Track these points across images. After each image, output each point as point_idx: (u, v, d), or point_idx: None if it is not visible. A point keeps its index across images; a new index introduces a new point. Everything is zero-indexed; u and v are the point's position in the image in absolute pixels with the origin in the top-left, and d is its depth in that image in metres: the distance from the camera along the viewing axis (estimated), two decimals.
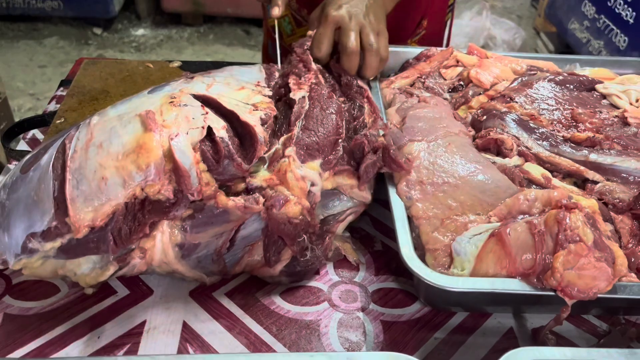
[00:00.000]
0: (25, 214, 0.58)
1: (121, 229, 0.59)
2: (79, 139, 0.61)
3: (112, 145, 0.59)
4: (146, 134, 0.60)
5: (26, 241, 0.58)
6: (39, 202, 0.58)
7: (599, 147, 0.76)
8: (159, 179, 0.58)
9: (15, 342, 0.62)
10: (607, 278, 0.59)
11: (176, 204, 0.59)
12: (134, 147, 0.59)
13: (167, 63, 0.99)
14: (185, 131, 0.61)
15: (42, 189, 0.59)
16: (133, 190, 0.58)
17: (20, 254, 0.59)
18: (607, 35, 2.71)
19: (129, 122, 0.61)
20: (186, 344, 0.63)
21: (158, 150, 0.59)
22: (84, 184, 0.58)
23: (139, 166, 0.58)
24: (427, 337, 0.66)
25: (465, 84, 0.93)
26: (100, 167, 0.58)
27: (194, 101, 0.66)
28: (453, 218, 0.68)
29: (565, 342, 0.66)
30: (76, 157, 0.59)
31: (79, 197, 0.58)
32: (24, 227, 0.58)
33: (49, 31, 3.44)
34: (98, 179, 0.58)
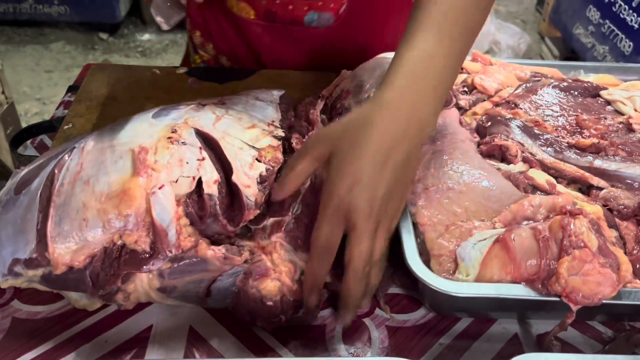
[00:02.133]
0: (12, 239, 0.59)
1: (99, 274, 0.58)
2: (68, 169, 0.60)
3: (99, 183, 0.59)
4: (133, 178, 0.58)
5: (12, 265, 0.59)
6: (24, 230, 0.59)
7: (604, 153, 0.76)
8: (137, 229, 0.57)
9: (23, 346, 0.63)
10: (612, 284, 0.59)
11: (152, 257, 0.58)
12: (119, 190, 0.58)
13: (174, 69, 1.00)
14: (175, 179, 0.59)
15: (27, 218, 0.59)
16: (111, 236, 0.57)
17: (6, 274, 0.60)
18: (612, 41, 2.71)
19: (120, 157, 0.60)
20: (192, 348, 0.63)
21: (141, 200, 0.57)
22: (66, 223, 0.58)
23: (120, 212, 0.57)
24: (432, 342, 0.66)
25: (469, 90, 0.93)
26: (83, 207, 0.58)
27: (194, 140, 0.63)
28: (458, 224, 0.68)
29: (570, 348, 0.66)
30: (62, 191, 0.59)
31: (60, 235, 0.57)
32: (10, 251, 0.59)
33: (55, 36, 3.46)
34: (80, 219, 0.57)
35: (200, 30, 1.09)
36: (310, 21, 0.92)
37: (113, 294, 0.60)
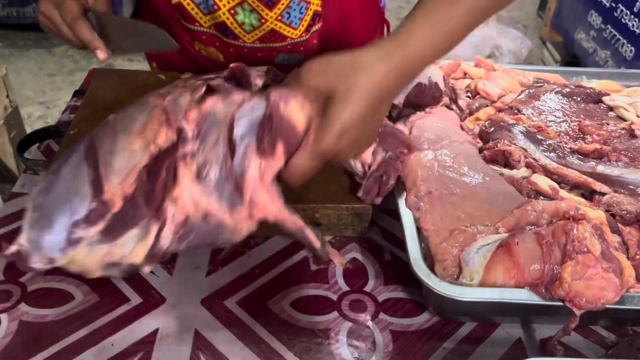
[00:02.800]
0: (66, 205, 0.61)
1: (147, 190, 0.62)
2: (104, 130, 0.65)
3: (135, 126, 0.65)
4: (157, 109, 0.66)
5: (70, 232, 0.60)
6: (76, 191, 0.62)
7: (607, 159, 0.77)
8: (162, 128, 0.64)
9: (31, 349, 0.63)
10: (615, 289, 0.59)
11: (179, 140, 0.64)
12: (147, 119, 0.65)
13: (179, 74, 1.00)
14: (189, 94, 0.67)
15: (77, 178, 0.63)
16: (149, 148, 0.63)
17: (65, 247, 0.61)
18: (614, 45, 2.71)
19: (143, 108, 0.67)
20: (198, 352, 0.64)
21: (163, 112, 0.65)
22: (115, 162, 0.63)
23: (152, 129, 0.64)
24: (435, 346, 0.67)
25: (472, 96, 0.94)
26: (128, 145, 0.63)
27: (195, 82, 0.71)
28: (461, 229, 0.68)
29: (573, 352, 0.67)
30: (105, 143, 0.64)
31: (112, 172, 0.62)
32: (66, 218, 0.61)
33: (58, 40, 3.44)
34: (126, 154, 0.63)
35: (156, 62, 1.12)
36: (282, 61, 0.94)
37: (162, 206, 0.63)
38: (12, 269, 0.72)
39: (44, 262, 0.61)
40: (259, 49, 0.93)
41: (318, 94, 0.59)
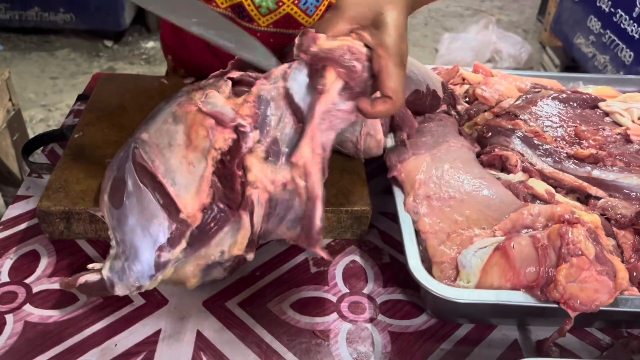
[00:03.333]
0: (146, 235, 0.63)
1: (225, 192, 0.64)
2: (147, 152, 0.66)
3: (177, 138, 0.66)
4: (189, 114, 0.67)
5: (157, 258, 0.62)
6: (152, 218, 0.63)
7: (602, 163, 0.78)
8: (217, 131, 0.65)
9: (35, 349, 0.64)
10: (609, 291, 0.60)
11: (239, 138, 0.65)
12: (189, 128, 0.66)
13: (182, 79, 1.02)
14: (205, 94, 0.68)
15: (145, 206, 0.64)
16: (211, 155, 0.64)
17: (154, 273, 0.63)
18: (613, 50, 2.73)
19: (174, 119, 0.68)
20: (200, 352, 0.65)
21: (200, 116, 0.66)
22: (178, 178, 0.64)
23: (203, 136, 0.65)
24: (433, 348, 0.68)
25: (470, 101, 0.95)
26: (183, 158, 0.65)
27: (209, 80, 0.72)
28: (459, 232, 0.70)
29: (568, 354, 0.68)
30: (157, 164, 0.65)
31: (180, 189, 0.63)
32: (150, 246, 0.62)
33: (60, 43, 3.50)
34: (186, 167, 0.64)
35: (171, 55, 1.13)
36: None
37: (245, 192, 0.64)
38: (17, 270, 0.73)
39: (132, 290, 0.63)
40: (272, 35, 0.94)
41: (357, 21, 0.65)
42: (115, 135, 0.86)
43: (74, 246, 0.77)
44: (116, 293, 0.63)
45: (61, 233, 0.76)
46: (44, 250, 0.76)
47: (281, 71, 0.67)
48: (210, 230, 0.63)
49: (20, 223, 0.80)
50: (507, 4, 4.40)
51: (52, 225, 0.75)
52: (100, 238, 0.77)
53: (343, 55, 0.63)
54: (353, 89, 0.63)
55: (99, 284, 0.63)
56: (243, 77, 0.70)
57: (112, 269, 0.63)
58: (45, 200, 0.74)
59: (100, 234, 0.77)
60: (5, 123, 1.76)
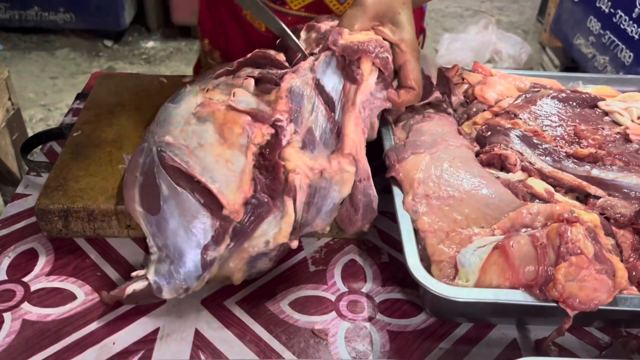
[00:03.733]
0: (190, 236, 0.63)
1: (266, 183, 0.65)
2: (176, 154, 0.67)
3: (207, 138, 0.68)
4: (218, 114, 0.69)
5: (202, 258, 0.63)
6: (193, 219, 0.64)
7: (601, 163, 0.78)
8: (254, 128, 0.68)
9: (34, 348, 0.64)
10: (608, 290, 0.60)
11: (278, 132, 0.68)
12: (221, 127, 0.68)
13: (181, 78, 1.02)
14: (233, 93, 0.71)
15: (187, 208, 0.64)
16: (250, 150, 0.66)
17: (202, 273, 0.63)
18: (613, 51, 2.73)
19: (199, 119, 0.70)
20: (198, 351, 0.65)
21: (233, 114, 0.68)
22: (217, 175, 0.65)
23: (238, 133, 0.67)
24: (432, 347, 0.68)
25: (469, 100, 0.95)
26: (218, 156, 0.66)
27: (220, 79, 0.75)
28: (458, 231, 0.70)
29: (567, 353, 0.68)
30: (192, 164, 0.66)
31: (221, 186, 0.64)
32: (195, 247, 0.63)
33: (60, 43, 3.50)
34: (224, 164, 0.66)
35: (209, 38, 1.14)
36: None
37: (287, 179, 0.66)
38: (15, 268, 0.73)
39: (180, 292, 0.63)
40: (302, 19, 0.94)
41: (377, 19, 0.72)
42: (113, 133, 0.86)
43: (72, 244, 0.77)
44: (164, 297, 0.63)
45: (59, 231, 0.76)
46: (42, 249, 0.76)
47: (309, 64, 0.71)
48: (252, 222, 0.64)
49: (19, 221, 0.79)
50: (507, 5, 4.40)
51: (51, 223, 0.75)
52: (98, 236, 0.77)
53: (376, 47, 0.68)
54: (386, 79, 0.69)
55: (146, 291, 0.63)
56: (264, 75, 0.73)
57: (158, 273, 0.63)
58: (44, 198, 0.74)
59: (98, 233, 0.77)
60: (5, 122, 1.76)
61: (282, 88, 0.70)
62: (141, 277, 0.64)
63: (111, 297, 0.65)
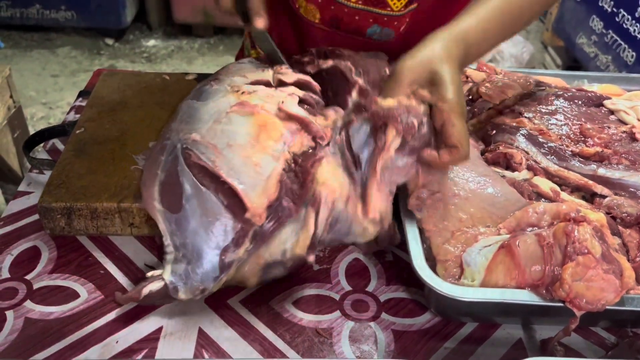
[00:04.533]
0: (210, 236, 0.62)
1: (292, 188, 0.65)
2: (202, 152, 0.66)
3: (238, 139, 0.67)
4: (257, 116, 0.68)
5: (221, 260, 0.62)
6: (215, 220, 0.63)
7: (607, 161, 0.77)
8: (295, 136, 0.67)
9: (36, 346, 0.64)
10: (615, 290, 0.60)
11: (316, 147, 0.67)
12: (258, 129, 0.67)
13: (183, 75, 1.01)
14: (281, 100, 0.70)
15: (209, 208, 0.63)
16: (284, 157, 0.65)
17: (219, 275, 0.62)
18: (615, 50, 2.72)
19: (230, 119, 0.69)
20: (202, 349, 0.65)
21: (277, 121, 0.68)
22: (244, 177, 0.64)
23: (275, 139, 0.66)
24: (437, 346, 0.67)
25: (474, 99, 0.95)
26: (247, 158, 0.65)
27: (256, 87, 0.74)
28: (463, 230, 0.69)
29: (573, 353, 0.67)
30: (218, 163, 0.65)
31: (247, 189, 0.63)
32: (214, 248, 0.62)
33: (61, 41, 3.49)
34: (252, 167, 0.64)
35: None
36: (372, 33, 0.94)
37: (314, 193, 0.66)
38: (18, 266, 0.73)
39: (196, 293, 0.62)
40: (359, 12, 0.93)
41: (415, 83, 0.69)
42: (116, 131, 0.86)
43: (75, 242, 0.76)
44: (180, 297, 0.62)
45: (62, 229, 0.76)
46: (45, 247, 0.75)
47: (346, 117, 0.72)
48: (272, 227, 0.63)
49: (21, 219, 0.79)
50: None
51: (53, 221, 0.74)
52: (101, 234, 0.77)
53: (401, 113, 0.67)
54: (411, 145, 0.67)
55: (162, 291, 0.63)
56: (307, 97, 0.73)
57: (175, 273, 0.63)
58: (47, 195, 0.74)
59: (101, 230, 0.76)
60: (6, 120, 1.76)
61: (329, 116, 0.71)
62: (157, 277, 0.63)
63: (127, 298, 0.64)
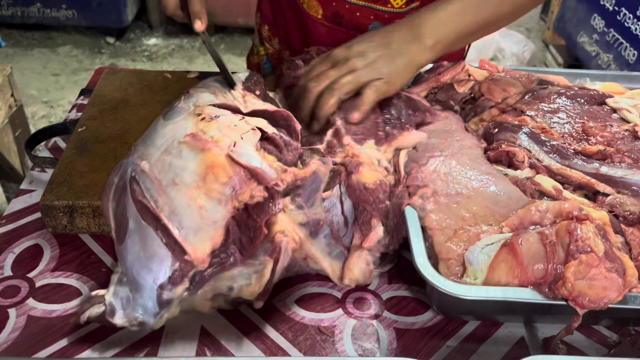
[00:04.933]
0: (145, 271, 0.60)
1: (241, 239, 0.62)
2: (148, 189, 0.63)
3: (184, 177, 0.62)
4: (207, 154, 0.63)
5: (159, 295, 0.60)
6: (152, 255, 0.60)
7: (610, 160, 0.77)
8: (245, 185, 0.62)
9: (39, 344, 0.64)
10: (618, 288, 0.60)
11: (273, 198, 0.63)
12: (205, 169, 0.62)
13: (185, 73, 1.01)
14: (239, 137, 0.65)
15: (148, 244, 0.61)
16: (232, 203, 0.61)
17: (159, 311, 0.61)
18: (617, 49, 2.72)
19: (181, 152, 0.63)
20: (204, 347, 0.65)
21: (228, 163, 0.62)
22: (186, 221, 0.60)
23: (222, 182, 0.61)
24: (439, 345, 0.67)
25: (476, 97, 0.95)
26: (191, 200, 0.61)
27: (221, 111, 0.69)
28: (466, 228, 0.69)
29: (575, 351, 0.67)
30: (161, 203, 0.61)
31: (189, 233, 0.60)
32: (150, 283, 0.60)
33: (62, 40, 3.49)
34: (196, 210, 0.61)
35: (268, 24, 1.15)
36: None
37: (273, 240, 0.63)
38: (20, 264, 0.73)
39: (133, 323, 0.60)
40: (360, 8, 0.94)
41: None
42: (118, 129, 0.86)
43: (77, 240, 0.76)
44: (116, 322, 0.60)
45: (64, 227, 0.76)
46: (47, 245, 0.75)
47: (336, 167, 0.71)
48: (215, 271, 0.62)
49: (23, 217, 0.79)
50: None
51: (56, 219, 0.74)
52: (103, 232, 0.77)
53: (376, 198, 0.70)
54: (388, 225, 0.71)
55: (102, 317, 0.61)
56: (275, 137, 0.68)
57: (117, 295, 0.61)
58: (49, 194, 0.74)
59: (103, 229, 0.76)
60: (8, 119, 1.76)
61: (308, 167, 0.68)
62: (100, 298, 0.61)
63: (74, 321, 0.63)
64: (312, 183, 0.66)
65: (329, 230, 0.68)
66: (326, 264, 0.69)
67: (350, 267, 0.70)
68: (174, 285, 0.60)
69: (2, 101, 1.73)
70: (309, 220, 0.66)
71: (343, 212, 0.69)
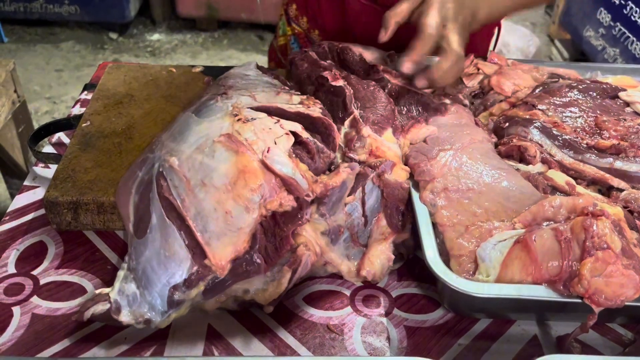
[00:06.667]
0: (161, 269, 0.59)
1: (266, 247, 0.60)
2: (176, 186, 0.61)
3: (214, 179, 0.60)
4: (241, 157, 0.61)
5: (170, 295, 0.59)
6: (171, 255, 0.59)
7: (624, 154, 0.75)
8: (275, 193, 0.60)
9: (44, 342, 0.63)
10: (635, 286, 0.58)
11: (301, 208, 0.61)
12: (237, 173, 0.60)
13: (190, 68, 1.00)
14: (273, 142, 0.63)
15: (169, 243, 0.60)
16: (259, 211, 0.60)
17: (167, 310, 0.60)
18: (623, 43, 2.70)
19: (214, 152, 0.62)
20: (211, 346, 0.63)
21: (261, 169, 0.61)
22: (210, 225, 0.59)
23: (252, 189, 0.60)
24: (450, 343, 0.66)
25: (485, 91, 0.93)
26: (218, 204, 0.59)
27: (258, 113, 0.67)
28: (478, 224, 0.68)
29: (590, 350, 0.66)
30: (187, 204, 0.60)
31: (212, 238, 0.59)
32: (164, 282, 0.59)
33: (65, 35, 3.48)
34: (222, 215, 0.59)
35: (297, 3, 1.13)
36: None
37: (295, 251, 0.62)
38: (24, 261, 0.71)
39: (139, 320, 0.60)
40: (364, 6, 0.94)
41: None
42: (123, 124, 0.85)
43: (82, 237, 0.75)
44: (121, 319, 0.59)
45: (68, 224, 0.74)
46: (51, 242, 0.74)
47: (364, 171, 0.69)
48: (235, 279, 0.61)
49: (27, 214, 0.78)
50: None
51: (60, 215, 0.73)
52: (108, 229, 0.76)
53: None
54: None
55: (107, 314, 0.60)
56: (310, 143, 0.67)
57: (122, 293, 0.60)
58: (53, 190, 0.73)
59: (108, 225, 0.75)
60: (11, 114, 1.75)
61: (339, 175, 0.65)
62: (104, 295, 0.60)
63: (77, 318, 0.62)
64: (338, 192, 0.65)
65: (348, 233, 0.68)
66: (343, 266, 0.68)
67: (372, 260, 0.68)
68: (188, 288, 0.59)
69: (5, 97, 1.72)
70: (330, 228, 0.65)
71: (364, 212, 0.68)
